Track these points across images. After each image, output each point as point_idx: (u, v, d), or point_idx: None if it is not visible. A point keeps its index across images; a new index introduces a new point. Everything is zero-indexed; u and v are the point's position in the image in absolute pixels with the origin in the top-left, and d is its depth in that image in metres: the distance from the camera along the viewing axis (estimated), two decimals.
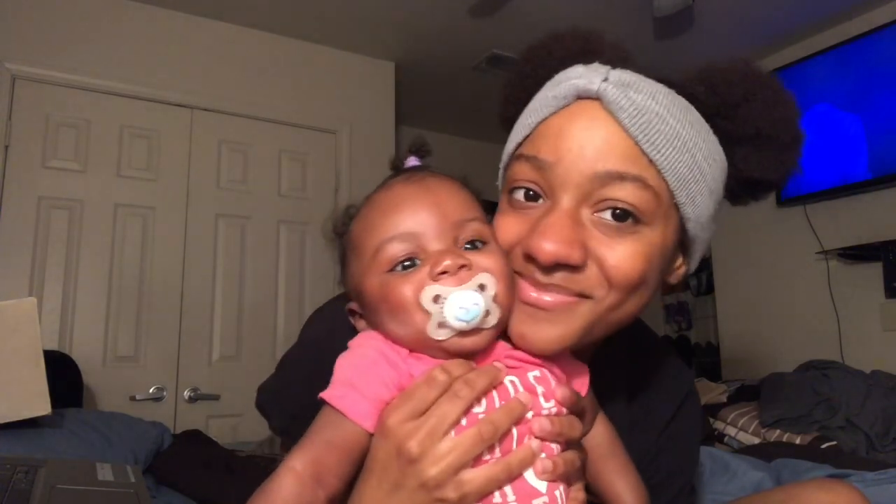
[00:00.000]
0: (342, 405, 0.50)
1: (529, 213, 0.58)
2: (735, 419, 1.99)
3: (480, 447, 0.48)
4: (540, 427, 0.51)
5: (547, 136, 0.58)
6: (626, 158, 0.55)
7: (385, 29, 2.89)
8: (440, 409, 0.49)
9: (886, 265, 2.64)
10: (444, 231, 0.54)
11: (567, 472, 0.52)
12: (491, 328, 0.52)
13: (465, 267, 0.52)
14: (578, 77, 0.57)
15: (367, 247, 0.56)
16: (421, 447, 0.48)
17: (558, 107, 0.58)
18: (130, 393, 2.39)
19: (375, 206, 0.57)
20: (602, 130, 0.56)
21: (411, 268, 0.53)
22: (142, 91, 2.57)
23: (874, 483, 1.21)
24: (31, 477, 0.68)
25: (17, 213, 2.31)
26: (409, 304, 0.51)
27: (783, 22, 2.88)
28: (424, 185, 0.56)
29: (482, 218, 0.57)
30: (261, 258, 2.73)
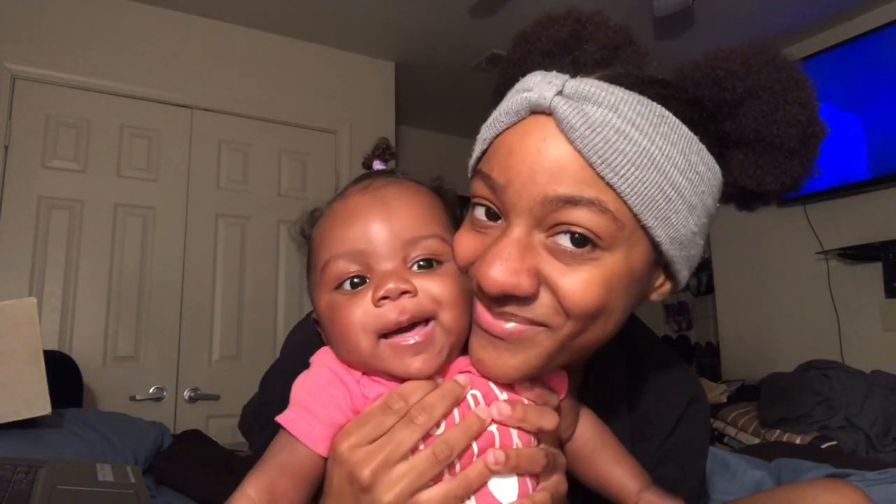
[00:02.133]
0: (296, 429, 0.49)
1: (488, 233, 0.53)
2: (735, 419, 1.99)
3: (436, 469, 0.47)
4: (499, 411, 0.49)
5: (499, 155, 0.52)
6: (579, 181, 0.49)
7: (385, 29, 2.89)
8: (396, 435, 0.47)
9: (886, 265, 2.64)
10: (394, 249, 0.51)
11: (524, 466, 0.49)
12: (439, 354, 0.50)
13: (407, 293, 0.49)
14: (530, 89, 0.51)
15: (319, 260, 0.53)
16: (373, 475, 0.46)
17: (510, 122, 0.53)
18: (130, 393, 2.39)
19: (330, 216, 0.55)
20: (553, 150, 0.49)
21: (360, 285, 0.51)
22: (142, 91, 2.57)
23: (874, 483, 1.21)
24: (31, 477, 0.68)
25: (17, 213, 2.31)
26: (354, 330, 0.49)
27: (783, 22, 2.88)
28: (379, 197, 0.53)
29: (440, 234, 0.54)
30: (261, 258, 2.73)
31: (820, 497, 0.66)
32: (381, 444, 0.47)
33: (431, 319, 0.50)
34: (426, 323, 0.50)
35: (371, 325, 0.49)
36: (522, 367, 0.51)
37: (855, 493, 0.66)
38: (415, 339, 0.49)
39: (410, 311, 0.49)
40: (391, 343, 0.49)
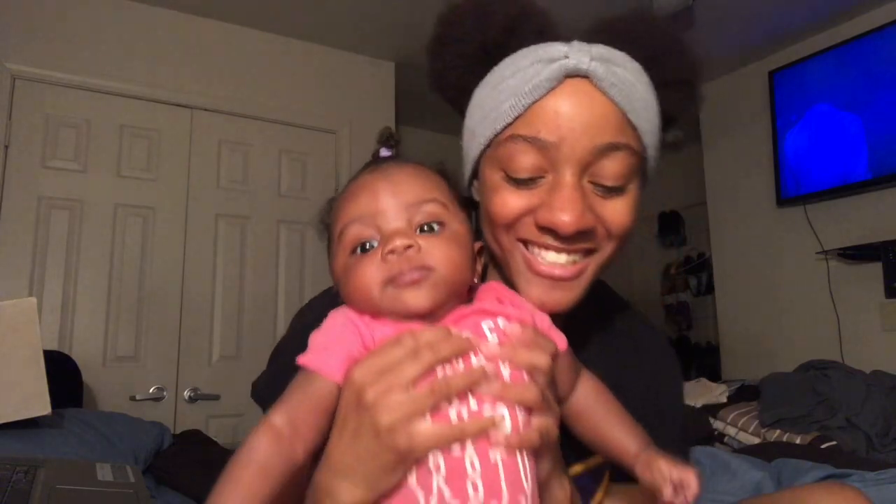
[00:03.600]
0: (315, 364, 0.54)
1: (531, 188, 0.63)
2: (735, 419, 1.99)
3: (432, 401, 0.50)
4: (508, 329, 0.55)
5: (545, 117, 0.61)
6: (618, 130, 0.62)
7: (385, 29, 2.89)
8: (401, 366, 0.51)
9: (886, 265, 2.64)
10: (399, 213, 0.57)
11: (514, 396, 0.53)
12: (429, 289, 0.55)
13: (411, 248, 0.55)
14: (565, 57, 0.61)
15: (335, 231, 0.60)
16: (375, 397, 0.51)
17: (550, 87, 0.61)
18: (130, 393, 2.39)
19: (344, 195, 0.62)
20: (598, 107, 0.61)
21: (370, 250, 0.57)
22: (142, 91, 2.57)
23: (874, 483, 1.21)
24: (30, 477, 0.68)
25: (17, 213, 2.31)
26: (365, 281, 0.56)
27: (783, 22, 2.88)
28: (385, 173, 0.60)
29: (440, 199, 0.59)
30: (261, 258, 2.73)
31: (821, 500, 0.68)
32: (387, 373, 0.51)
33: (430, 269, 0.56)
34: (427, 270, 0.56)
35: (379, 275, 0.55)
36: (576, 298, 0.64)
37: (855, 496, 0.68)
38: (412, 277, 0.55)
39: (414, 261, 0.55)
40: (394, 285, 0.55)
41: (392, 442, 0.50)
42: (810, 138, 2.92)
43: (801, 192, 2.95)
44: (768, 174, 3.11)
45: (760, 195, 3.17)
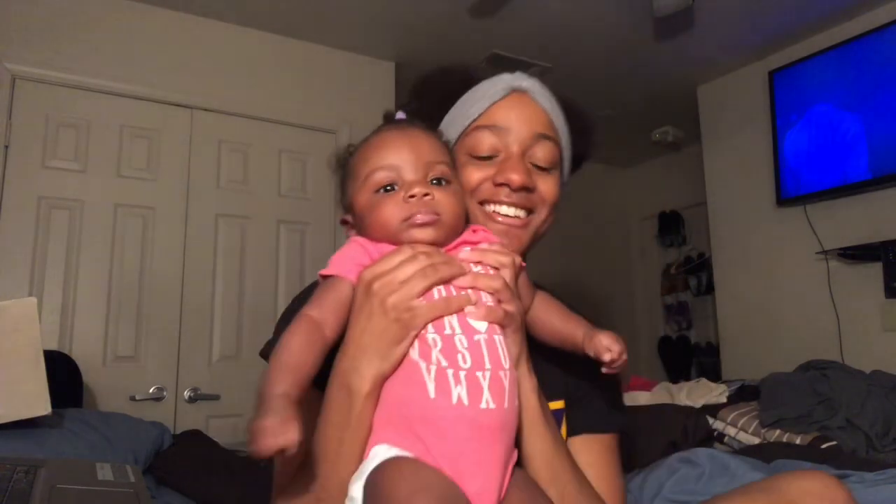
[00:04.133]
0: (333, 270, 0.71)
1: (488, 164, 0.86)
2: (735, 419, 1.99)
3: (424, 283, 0.67)
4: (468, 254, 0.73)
5: (498, 113, 0.87)
6: (547, 127, 0.88)
7: (385, 29, 2.89)
8: (402, 265, 0.68)
9: (886, 265, 2.64)
10: (418, 167, 0.73)
11: (499, 316, 0.69)
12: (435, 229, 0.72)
13: (427, 195, 0.72)
14: (512, 80, 0.89)
15: (361, 173, 0.75)
16: (381, 285, 0.67)
17: (501, 96, 0.88)
18: (130, 393, 2.39)
19: (369, 144, 0.77)
20: (534, 109, 0.88)
21: (391, 191, 0.73)
22: (142, 91, 2.57)
23: (874, 483, 1.21)
24: (31, 477, 0.68)
25: (17, 213, 2.31)
26: (389, 217, 0.72)
27: (783, 22, 2.88)
28: (407, 132, 0.77)
29: (448, 162, 0.77)
30: (261, 258, 2.73)
31: (796, 483, 0.78)
32: (390, 269, 0.68)
33: (438, 215, 0.72)
34: (436, 216, 0.72)
35: (400, 214, 0.71)
36: (524, 245, 0.87)
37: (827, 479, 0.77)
38: (424, 219, 0.71)
39: (429, 206, 0.72)
40: (409, 223, 0.71)
41: (398, 316, 0.66)
42: (810, 138, 2.92)
43: (801, 192, 2.95)
44: (768, 174, 3.11)
45: (760, 195, 3.17)
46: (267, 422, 0.55)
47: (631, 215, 4.85)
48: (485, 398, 0.63)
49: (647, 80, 3.41)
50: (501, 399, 0.64)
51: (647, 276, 4.76)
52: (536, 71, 3.26)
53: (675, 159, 4.45)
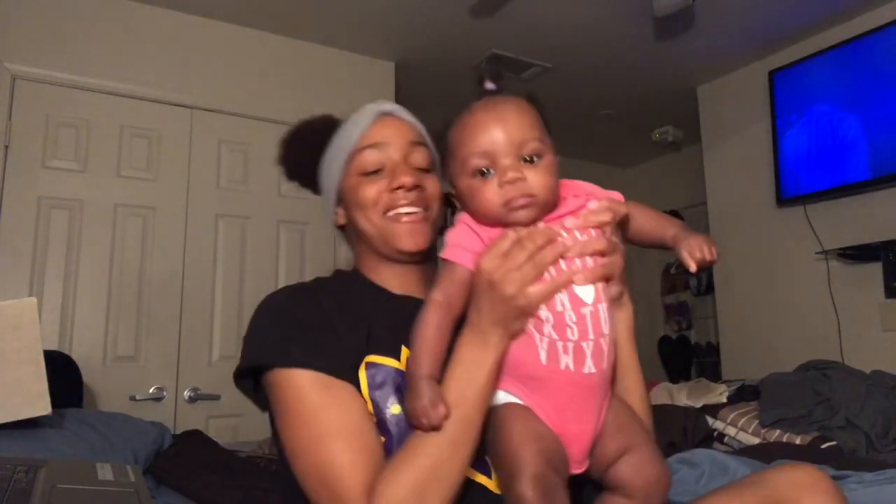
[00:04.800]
0: (454, 257, 0.78)
1: (378, 177, 0.95)
2: (735, 419, 1.99)
3: (535, 272, 0.74)
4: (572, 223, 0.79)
5: (376, 133, 0.97)
6: (417, 135, 0.99)
7: (385, 29, 2.89)
8: (511, 253, 0.75)
9: (886, 265, 2.64)
10: (510, 149, 0.78)
11: (603, 273, 0.77)
12: (533, 209, 0.78)
13: (521, 179, 0.77)
14: (377, 106, 1.01)
15: (458, 157, 0.81)
16: (500, 275, 0.74)
17: (372, 121, 0.99)
18: (130, 393, 2.39)
19: (464, 125, 0.82)
20: (403, 124, 1.00)
21: (487, 175, 0.79)
22: (142, 91, 2.57)
23: (874, 483, 1.21)
24: (31, 476, 0.68)
25: (17, 213, 2.31)
26: (488, 203, 0.78)
27: (783, 22, 2.89)
28: (497, 112, 0.80)
29: (539, 136, 0.80)
30: (261, 258, 2.73)
31: (784, 476, 0.81)
32: (504, 259, 0.75)
33: (534, 195, 0.77)
34: (531, 197, 0.78)
35: (498, 199, 0.77)
36: (428, 239, 0.95)
37: (813, 471, 0.80)
38: (520, 203, 0.77)
39: (523, 190, 0.77)
40: (508, 207, 0.77)
41: (515, 303, 0.74)
42: (810, 138, 2.92)
43: (801, 192, 2.95)
44: (768, 174, 3.11)
45: (760, 195, 3.17)
46: (420, 403, 0.72)
47: None
48: (587, 364, 0.75)
49: (647, 80, 3.41)
50: (601, 363, 0.76)
51: (646, 276, 4.76)
52: (536, 71, 3.26)
53: (675, 159, 4.45)
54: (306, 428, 0.79)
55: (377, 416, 0.81)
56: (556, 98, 3.62)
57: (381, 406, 0.81)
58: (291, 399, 0.81)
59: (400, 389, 0.82)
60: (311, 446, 0.78)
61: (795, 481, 0.79)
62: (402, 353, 0.86)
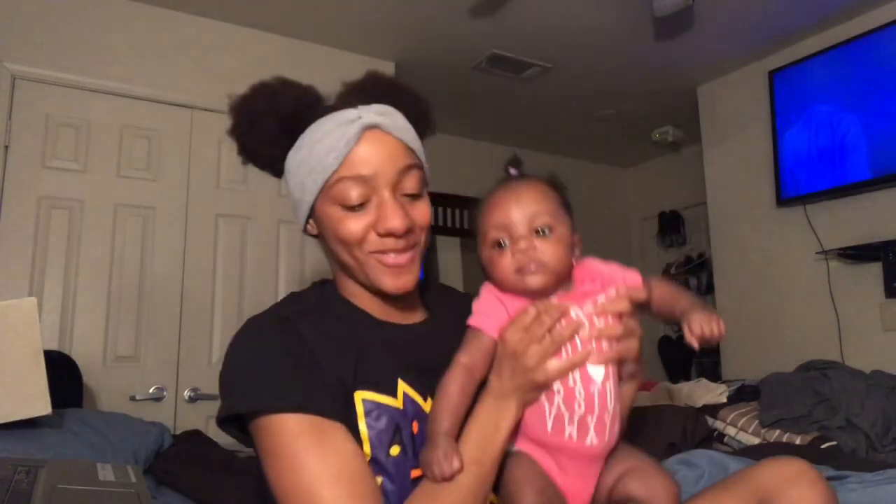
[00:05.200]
0: (481, 326, 0.84)
1: (363, 212, 0.86)
2: (735, 419, 1.99)
3: (553, 347, 0.80)
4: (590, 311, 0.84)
5: (359, 160, 0.86)
6: (407, 155, 0.89)
7: (385, 29, 2.89)
8: (533, 329, 0.80)
9: (886, 265, 2.65)
10: (523, 223, 0.85)
11: (616, 355, 0.83)
12: (543, 275, 0.84)
13: (530, 248, 0.84)
14: (359, 117, 0.86)
15: (480, 230, 0.89)
16: (522, 348, 0.79)
17: (357, 140, 0.86)
18: (130, 393, 2.39)
19: (486, 204, 0.89)
20: (391, 143, 0.88)
21: (503, 246, 0.86)
22: (142, 91, 2.57)
23: (874, 483, 1.21)
24: (31, 477, 0.68)
25: (17, 213, 2.31)
26: (504, 271, 0.85)
27: (783, 22, 2.89)
28: (514, 192, 0.87)
29: (551, 211, 0.86)
30: (261, 258, 2.73)
31: (771, 470, 0.83)
32: (525, 333, 0.80)
33: (544, 264, 0.84)
34: (542, 265, 0.84)
35: (511, 266, 0.85)
36: (416, 278, 0.91)
37: (802, 463, 0.83)
38: (531, 269, 0.84)
39: (533, 258, 0.84)
40: (520, 273, 0.84)
41: (534, 376, 0.79)
42: (810, 138, 2.92)
43: (801, 192, 2.95)
44: (768, 174, 3.11)
45: (760, 195, 3.17)
46: (435, 455, 0.75)
47: (631, 215, 4.85)
48: (590, 437, 0.82)
49: (647, 80, 3.41)
50: (603, 436, 0.83)
51: (647, 277, 4.75)
52: (536, 71, 3.26)
53: (675, 159, 4.45)
54: (297, 475, 0.75)
55: (374, 457, 0.79)
56: (556, 98, 3.62)
57: (379, 447, 0.79)
58: (279, 444, 0.77)
59: (399, 430, 0.81)
60: (302, 494, 0.74)
61: (780, 474, 0.81)
62: (398, 388, 0.84)
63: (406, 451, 0.81)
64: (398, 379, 0.84)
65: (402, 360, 0.87)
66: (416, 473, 0.80)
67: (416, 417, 0.84)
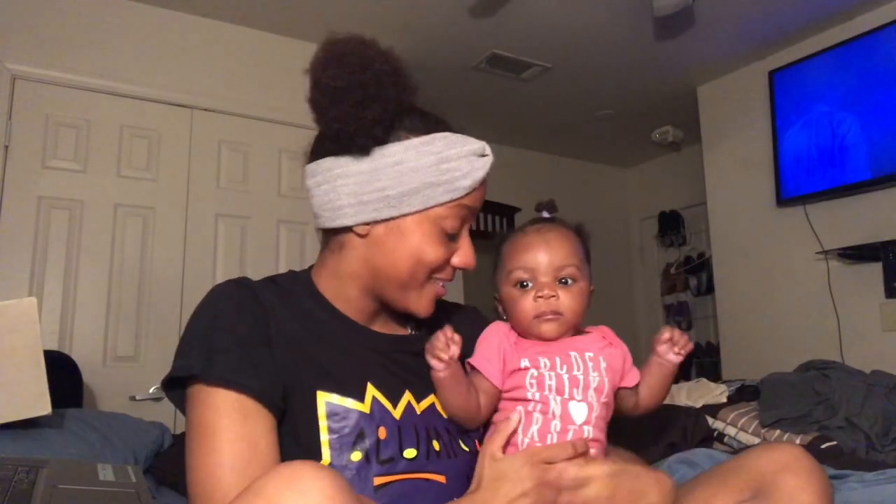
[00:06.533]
0: (482, 369, 0.87)
1: (451, 242, 0.86)
2: (735, 419, 1.99)
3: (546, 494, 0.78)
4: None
5: (476, 196, 0.86)
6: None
7: (385, 29, 2.89)
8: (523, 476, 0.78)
9: (886, 265, 2.65)
10: (549, 270, 0.89)
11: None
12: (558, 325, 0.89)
13: (554, 297, 0.88)
14: (484, 154, 0.88)
15: (505, 267, 0.92)
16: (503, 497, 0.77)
17: (485, 176, 0.86)
18: (130, 393, 2.39)
19: (515, 242, 0.93)
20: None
21: (526, 287, 0.90)
22: (142, 91, 2.56)
23: (874, 483, 1.21)
24: (32, 477, 0.68)
25: (17, 213, 2.31)
26: (523, 313, 0.89)
27: (783, 22, 2.89)
28: (544, 237, 0.91)
29: (577, 264, 0.90)
30: (261, 258, 2.73)
31: (765, 457, 0.81)
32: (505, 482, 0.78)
33: (561, 314, 0.88)
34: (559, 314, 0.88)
35: (531, 311, 0.88)
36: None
37: (797, 449, 0.82)
38: (549, 317, 0.88)
39: (554, 307, 0.88)
40: (539, 320, 0.88)
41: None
42: (810, 138, 2.92)
43: (801, 192, 2.95)
44: (768, 174, 3.11)
45: (760, 195, 3.17)
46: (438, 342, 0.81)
47: (631, 215, 4.85)
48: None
49: (647, 80, 3.41)
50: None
51: (647, 276, 4.76)
52: (536, 71, 3.26)
53: (675, 159, 4.45)
54: (207, 451, 0.72)
55: (333, 463, 0.75)
56: (556, 98, 3.62)
57: (339, 451, 0.76)
58: (201, 417, 0.73)
59: (364, 435, 0.78)
60: (205, 470, 0.71)
61: (776, 461, 0.79)
62: (366, 392, 0.81)
63: (369, 458, 0.77)
64: (367, 383, 0.81)
65: (375, 365, 0.84)
66: (380, 481, 0.76)
67: (384, 423, 0.80)
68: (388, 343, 0.89)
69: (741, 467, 0.83)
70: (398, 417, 0.81)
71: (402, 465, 0.78)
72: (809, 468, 0.78)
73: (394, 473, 0.77)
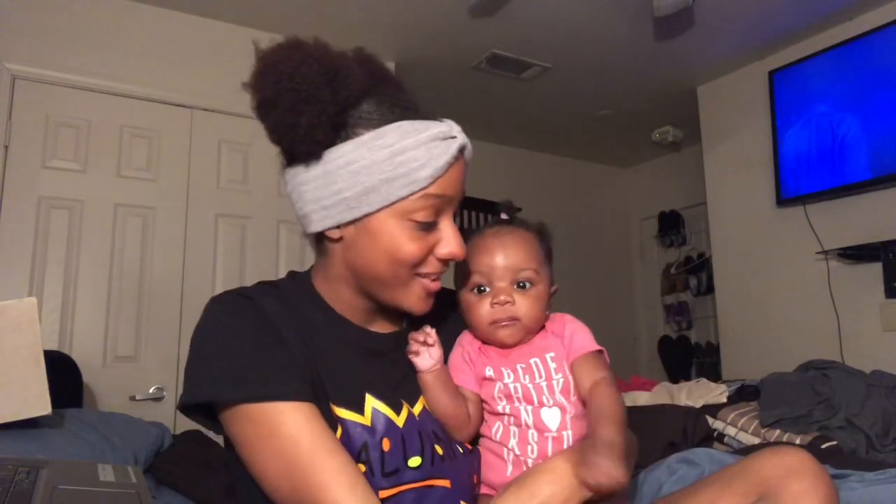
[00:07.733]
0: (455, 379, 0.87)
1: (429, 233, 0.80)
2: (735, 419, 1.99)
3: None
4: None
5: (449, 182, 0.79)
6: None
7: (385, 29, 2.89)
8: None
9: (886, 265, 2.65)
10: (506, 274, 0.87)
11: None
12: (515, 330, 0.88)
13: (509, 302, 0.86)
14: (453, 136, 0.79)
15: (464, 272, 0.90)
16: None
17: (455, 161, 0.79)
18: (130, 393, 2.39)
19: (473, 246, 0.90)
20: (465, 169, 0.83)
21: (484, 291, 0.88)
22: (142, 91, 2.57)
23: (874, 483, 1.21)
24: (32, 477, 0.68)
25: (17, 213, 2.31)
26: (479, 319, 0.88)
27: (783, 22, 2.89)
28: (500, 241, 0.89)
29: (535, 267, 0.88)
30: (261, 258, 2.73)
31: (770, 461, 0.80)
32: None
33: (518, 319, 0.87)
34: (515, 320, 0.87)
35: (487, 317, 0.87)
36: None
37: (803, 453, 0.80)
38: (505, 324, 0.87)
39: (510, 313, 0.87)
40: (495, 326, 0.87)
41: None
42: (810, 138, 2.92)
43: (800, 192, 2.95)
44: (768, 174, 3.11)
45: (760, 195, 3.18)
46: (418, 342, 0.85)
47: (631, 215, 4.85)
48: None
49: (647, 80, 3.41)
50: None
51: (647, 276, 4.76)
52: (536, 71, 3.26)
53: (675, 159, 4.45)
54: (316, 471, 0.70)
55: None
56: (556, 98, 3.62)
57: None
58: (266, 433, 0.71)
59: (366, 448, 0.76)
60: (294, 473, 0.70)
61: (782, 466, 0.78)
62: (365, 404, 0.79)
63: (372, 470, 0.75)
64: (365, 394, 0.79)
65: (373, 372, 0.83)
66: (385, 494, 0.74)
67: (387, 434, 0.78)
68: (386, 343, 0.87)
69: (746, 471, 0.81)
70: (401, 425, 0.80)
71: (408, 475, 0.77)
72: (815, 473, 0.77)
73: (399, 485, 0.76)
